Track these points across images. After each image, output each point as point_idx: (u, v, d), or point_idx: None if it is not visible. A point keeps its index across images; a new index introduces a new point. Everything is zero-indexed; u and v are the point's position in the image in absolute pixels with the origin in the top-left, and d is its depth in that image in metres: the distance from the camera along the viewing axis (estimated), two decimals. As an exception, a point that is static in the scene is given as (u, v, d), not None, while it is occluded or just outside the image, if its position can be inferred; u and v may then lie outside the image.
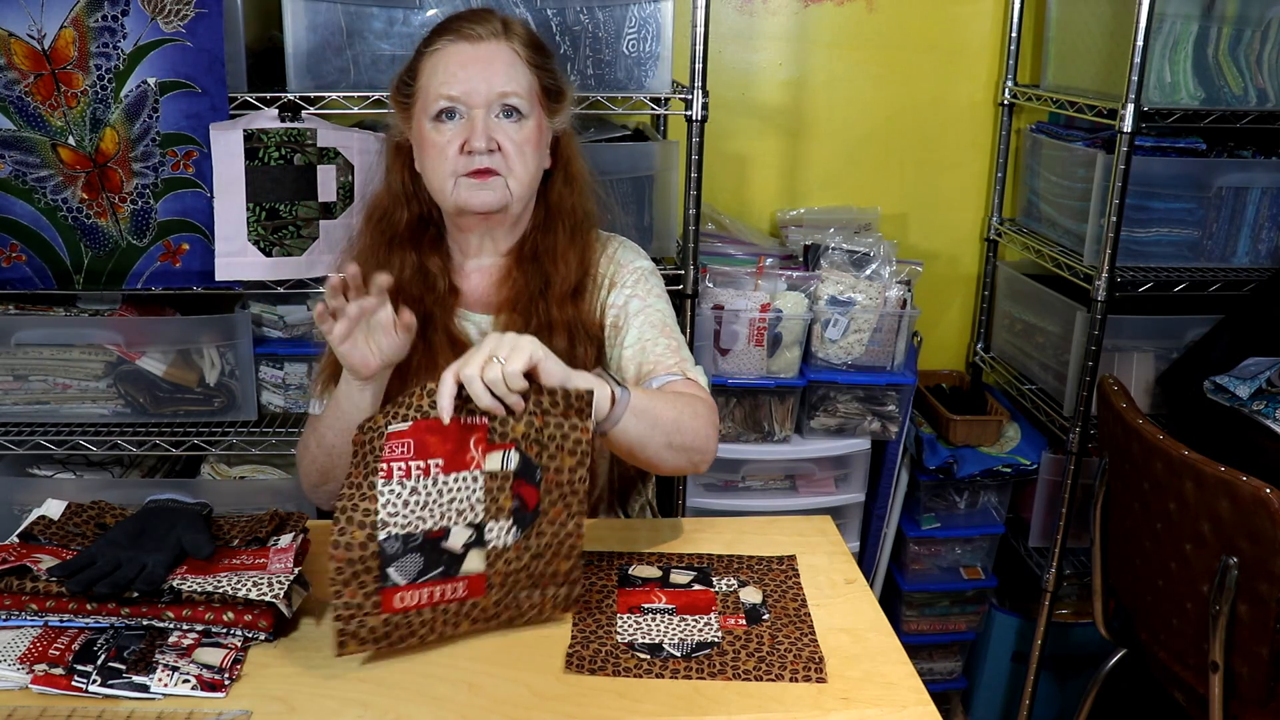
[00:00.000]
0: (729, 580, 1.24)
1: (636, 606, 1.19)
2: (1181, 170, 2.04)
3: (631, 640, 1.12)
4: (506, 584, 1.10)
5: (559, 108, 1.42)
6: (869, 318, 2.10)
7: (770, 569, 1.27)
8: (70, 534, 1.22)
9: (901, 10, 2.37)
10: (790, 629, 1.15)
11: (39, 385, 1.89)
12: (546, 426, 1.08)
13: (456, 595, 1.08)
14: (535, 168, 1.38)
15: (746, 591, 1.22)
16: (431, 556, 1.06)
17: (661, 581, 1.24)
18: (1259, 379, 1.85)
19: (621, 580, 1.24)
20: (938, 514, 2.31)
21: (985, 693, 2.42)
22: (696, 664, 1.09)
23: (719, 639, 1.13)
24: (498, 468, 1.08)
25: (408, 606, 1.06)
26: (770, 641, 1.13)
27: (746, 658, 1.10)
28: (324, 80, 1.79)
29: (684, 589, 1.22)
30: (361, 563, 1.03)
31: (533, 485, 1.09)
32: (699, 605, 1.19)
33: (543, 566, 1.11)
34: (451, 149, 1.33)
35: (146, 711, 1.00)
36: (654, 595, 1.21)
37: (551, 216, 1.44)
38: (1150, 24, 1.78)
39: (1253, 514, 1.45)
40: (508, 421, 1.07)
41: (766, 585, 1.23)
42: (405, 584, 1.05)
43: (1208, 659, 1.56)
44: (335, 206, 1.82)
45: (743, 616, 1.17)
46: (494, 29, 1.35)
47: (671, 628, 1.15)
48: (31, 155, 1.74)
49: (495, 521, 1.08)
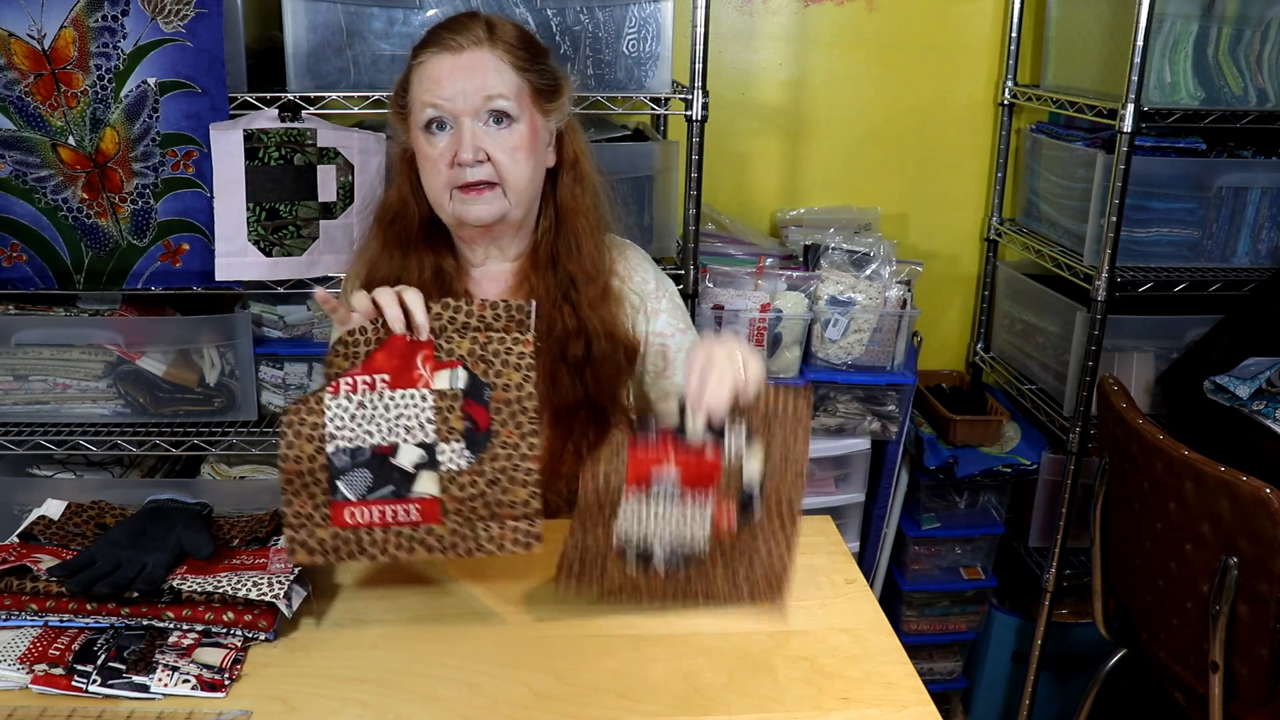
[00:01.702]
0: (739, 436, 1.15)
1: (645, 478, 1.13)
2: (1181, 170, 2.04)
3: (625, 542, 1.12)
4: (464, 513, 1.10)
5: (554, 106, 1.39)
6: (869, 318, 2.10)
7: (779, 414, 1.19)
8: (70, 534, 1.22)
9: (901, 10, 2.37)
10: (774, 531, 1.15)
11: (39, 385, 1.89)
12: (490, 342, 1.10)
13: (410, 518, 1.09)
14: (532, 172, 1.36)
15: (751, 460, 1.15)
16: (380, 473, 1.08)
17: (679, 430, 1.14)
18: (1259, 379, 1.85)
19: (639, 423, 1.16)
20: (938, 514, 2.31)
21: (985, 693, 2.42)
22: (676, 584, 1.13)
23: (704, 548, 1.14)
24: (446, 386, 1.09)
25: (359, 524, 1.08)
26: (749, 552, 1.14)
27: (722, 572, 1.13)
28: (324, 80, 1.79)
29: (695, 447, 1.14)
30: (310, 475, 1.06)
31: (482, 405, 1.10)
32: (703, 477, 1.14)
33: (499, 495, 1.10)
34: (443, 162, 1.32)
35: (146, 711, 1.00)
36: (665, 454, 1.13)
37: (565, 217, 1.42)
38: (1150, 24, 1.78)
39: (1253, 514, 1.45)
40: (453, 339, 1.10)
41: (773, 434, 1.17)
42: (355, 500, 1.07)
43: (1208, 659, 1.56)
44: (335, 206, 1.82)
45: (736, 505, 1.14)
46: (475, 37, 1.33)
47: (667, 522, 1.13)
48: (31, 155, 1.75)
49: (447, 444, 1.09)
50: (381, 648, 1.11)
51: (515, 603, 1.20)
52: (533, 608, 1.19)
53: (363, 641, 1.12)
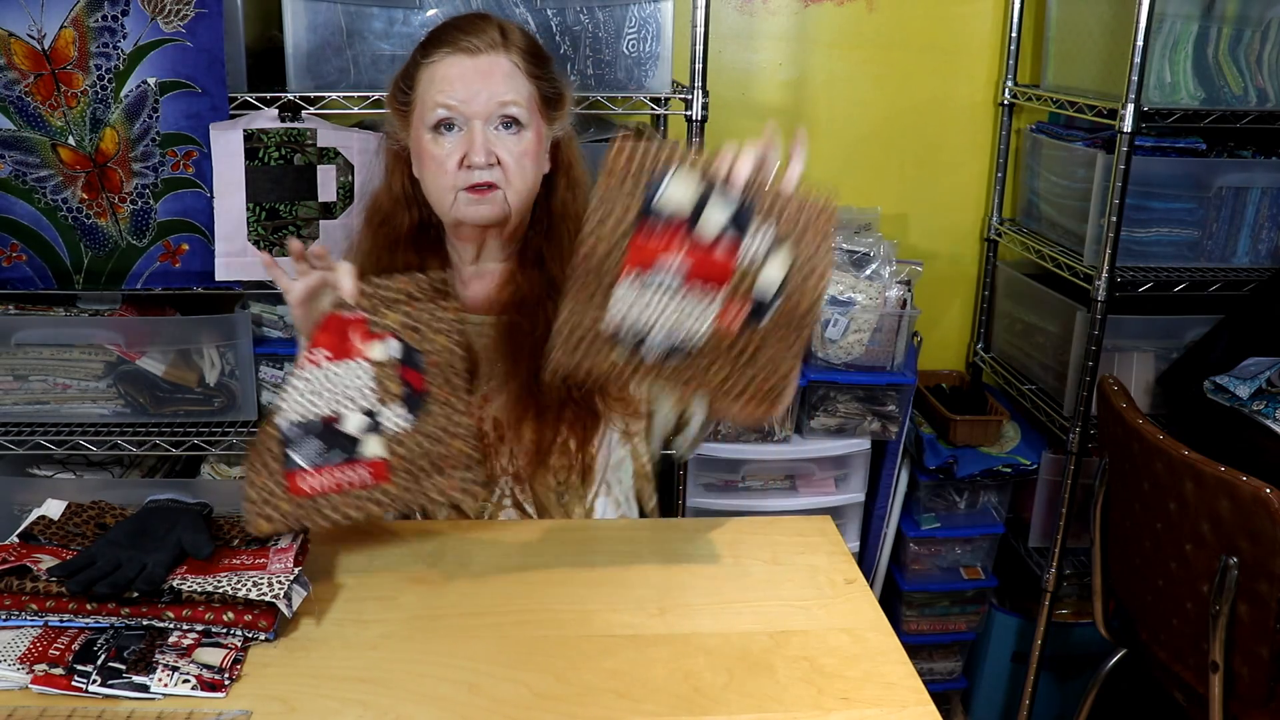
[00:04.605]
0: (762, 239, 1.08)
1: (647, 263, 1.07)
2: (1181, 170, 2.04)
3: (618, 325, 1.07)
4: (410, 470, 1.18)
5: (558, 114, 1.40)
6: (869, 318, 2.10)
7: (806, 222, 1.10)
8: (70, 534, 1.22)
9: (901, 10, 2.37)
10: (780, 339, 1.08)
11: (39, 385, 1.89)
12: (417, 312, 1.19)
13: (362, 480, 1.16)
14: (534, 178, 1.38)
15: (771, 267, 1.08)
16: (330, 441, 1.16)
17: (692, 220, 1.08)
18: (1259, 379, 1.85)
19: (645, 209, 1.07)
20: (938, 514, 2.31)
21: (985, 693, 2.42)
22: (667, 372, 1.09)
23: (700, 344, 1.08)
24: (382, 356, 1.18)
25: (315, 490, 1.15)
26: (750, 356, 1.08)
27: (717, 369, 1.08)
28: (324, 80, 1.79)
29: (708, 241, 1.08)
30: (266, 449, 1.15)
31: (416, 370, 1.19)
32: (712, 274, 1.08)
33: (441, 450, 1.19)
34: (450, 162, 1.32)
35: (146, 711, 1.00)
36: (671, 245, 1.07)
37: (555, 221, 1.43)
38: (1150, 24, 1.78)
39: (1253, 514, 1.45)
40: (384, 312, 1.18)
41: (801, 247, 1.09)
42: (309, 468, 1.15)
43: (1208, 659, 1.56)
44: (335, 206, 1.82)
45: (746, 309, 1.08)
46: (492, 40, 1.33)
47: (664, 312, 1.07)
48: (31, 155, 1.75)
49: (387, 407, 1.18)
50: (381, 648, 1.11)
51: (515, 603, 1.20)
52: (533, 608, 1.19)
53: (363, 641, 1.12)
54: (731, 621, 1.17)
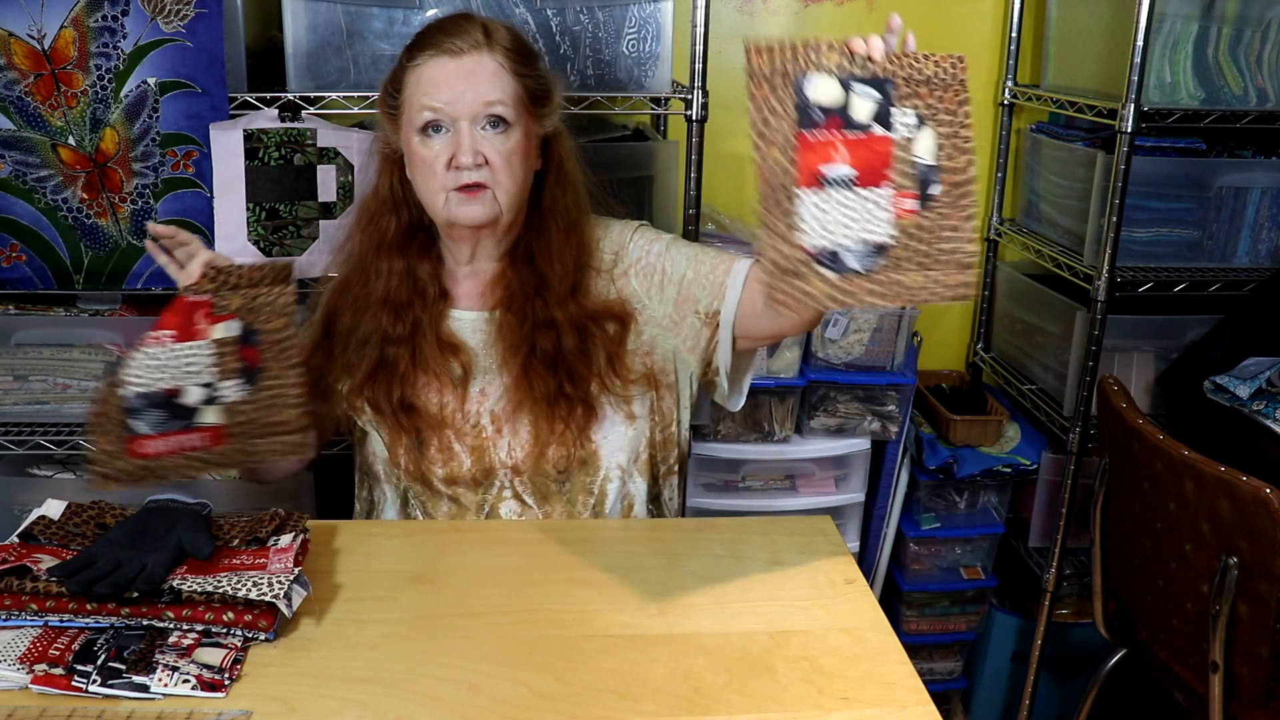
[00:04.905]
0: (908, 115, 1.12)
1: (818, 173, 1.07)
2: (1181, 170, 2.04)
3: (812, 246, 1.06)
4: (243, 434, 1.28)
5: (546, 111, 1.41)
6: (869, 317, 2.10)
7: (940, 82, 1.16)
8: (70, 534, 1.22)
9: (901, 10, 2.33)
10: (953, 204, 1.13)
11: (39, 385, 1.89)
12: (259, 296, 1.28)
13: (199, 444, 1.26)
14: (523, 177, 1.38)
15: (923, 139, 1.12)
16: (170, 411, 1.24)
17: (843, 113, 1.09)
18: (1259, 379, 1.85)
19: (801, 114, 1.07)
20: (938, 514, 2.31)
21: (985, 693, 2.42)
22: (870, 282, 1.08)
23: (892, 239, 1.09)
24: (224, 335, 1.27)
25: (156, 453, 1.24)
26: (935, 231, 1.11)
27: (911, 257, 1.09)
28: (324, 80, 1.79)
29: (864, 131, 1.10)
30: (109, 417, 1.23)
31: (254, 348, 1.28)
32: (876, 165, 1.09)
33: (272, 416, 1.28)
34: (439, 164, 1.33)
35: (146, 711, 1.00)
36: (834, 145, 1.08)
37: (544, 218, 1.44)
38: (1150, 24, 1.78)
39: (1253, 514, 1.45)
40: (228, 296, 1.27)
41: (939, 116, 1.14)
42: (151, 434, 1.23)
43: (1208, 659, 1.56)
44: (335, 206, 1.82)
45: (915, 193, 1.11)
46: (475, 40, 1.33)
47: (850, 219, 1.07)
48: (31, 155, 1.75)
49: (225, 382, 1.27)
50: (381, 648, 1.11)
51: (515, 603, 1.20)
52: (533, 608, 1.20)
53: (363, 641, 1.12)
54: (731, 621, 1.17)
